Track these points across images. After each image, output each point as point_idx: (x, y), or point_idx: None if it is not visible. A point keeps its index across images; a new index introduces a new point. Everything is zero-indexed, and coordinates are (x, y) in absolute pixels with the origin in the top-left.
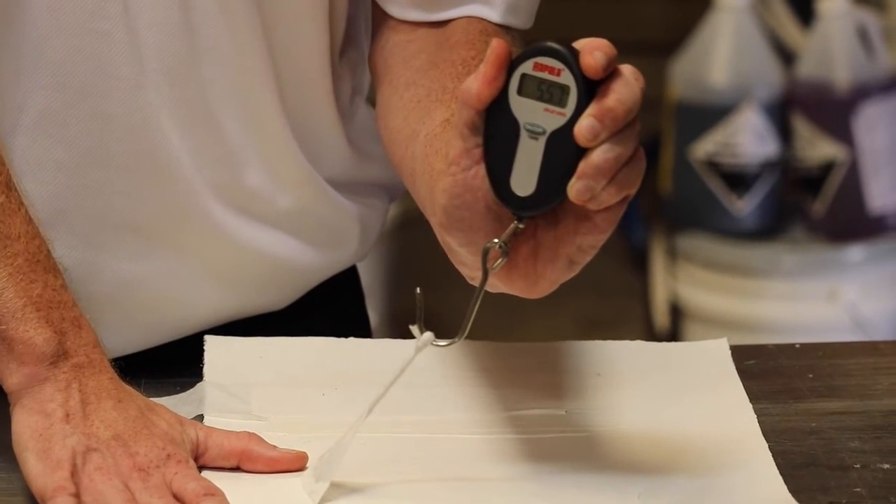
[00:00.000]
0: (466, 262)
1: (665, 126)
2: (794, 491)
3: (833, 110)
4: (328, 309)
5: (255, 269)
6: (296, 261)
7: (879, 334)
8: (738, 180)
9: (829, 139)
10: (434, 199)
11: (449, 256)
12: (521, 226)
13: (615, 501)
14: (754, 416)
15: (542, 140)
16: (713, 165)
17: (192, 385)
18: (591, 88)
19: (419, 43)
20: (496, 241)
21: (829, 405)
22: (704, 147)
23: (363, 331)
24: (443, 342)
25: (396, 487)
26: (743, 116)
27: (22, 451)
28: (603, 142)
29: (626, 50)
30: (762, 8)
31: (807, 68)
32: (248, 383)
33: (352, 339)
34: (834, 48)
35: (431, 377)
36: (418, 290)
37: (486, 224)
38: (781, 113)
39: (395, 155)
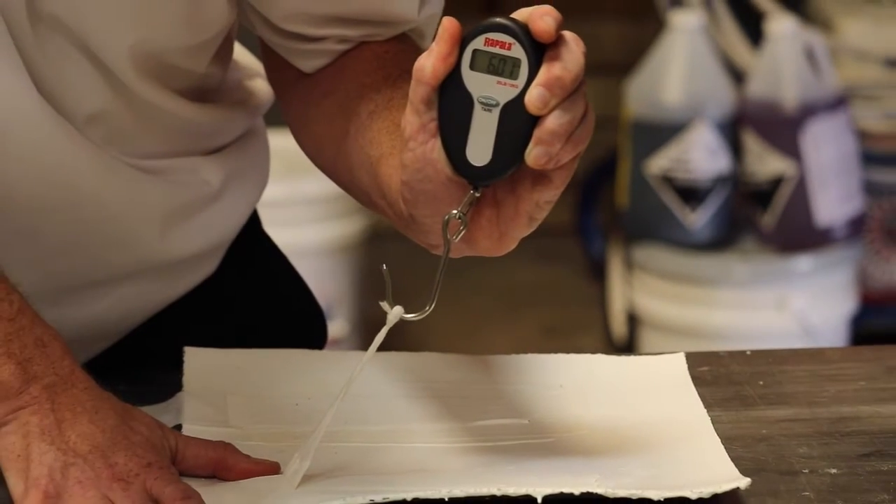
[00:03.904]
0: (432, 231)
1: (622, 143)
2: (744, 496)
3: (782, 127)
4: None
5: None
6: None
7: (826, 341)
8: (691, 194)
9: (778, 155)
10: (388, 180)
11: (410, 235)
12: (477, 195)
13: (572, 485)
14: (710, 422)
15: (496, 111)
16: (668, 180)
17: (171, 393)
18: (540, 59)
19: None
20: (454, 211)
21: (778, 412)
22: (659, 163)
23: (292, 275)
24: (413, 315)
25: (366, 476)
26: (696, 133)
27: (5, 473)
28: (554, 108)
29: (585, 71)
30: (714, 29)
31: (757, 87)
32: (225, 393)
33: (326, 352)
34: (782, 68)
35: (398, 388)
36: (384, 266)
37: (449, 194)
38: (733, 130)
39: (325, 159)
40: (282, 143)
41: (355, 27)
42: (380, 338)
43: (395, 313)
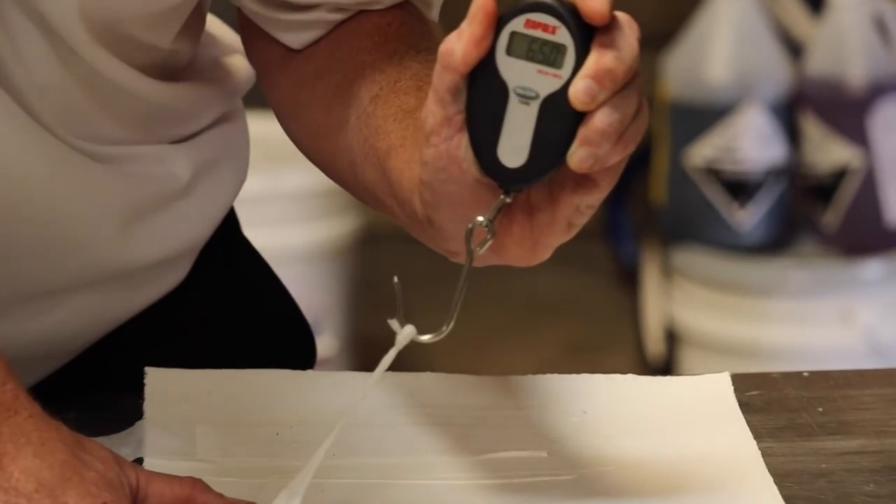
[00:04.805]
0: (454, 237)
1: (658, 128)
2: None
3: (847, 110)
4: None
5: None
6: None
7: None
8: (740, 189)
9: (843, 142)
10: (400, 176)
11: (426, 240)
12: (508, 200)
13: None
14: (759, 456)
15: (535, 105)
16: (712, 172)
17: (130, 420)
18: (588, 45)
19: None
20: (480, 218)
21: (841, 444)
22: (702, 152)
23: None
24: (427, 337)
25: None
26: (745, 117)
27: None
28: (602, 104)
29: None
30: None
31: (817, 63)
32: (194, 421)
33: (310, 372)
34: (848, 40)
35: (397, 415)
36: (396, 279)
37: (476, 197)
38: (789, 113)
39: (321, 152)
40: (260, 128)
41: None
42: (387, 361)
43: (405, 334)
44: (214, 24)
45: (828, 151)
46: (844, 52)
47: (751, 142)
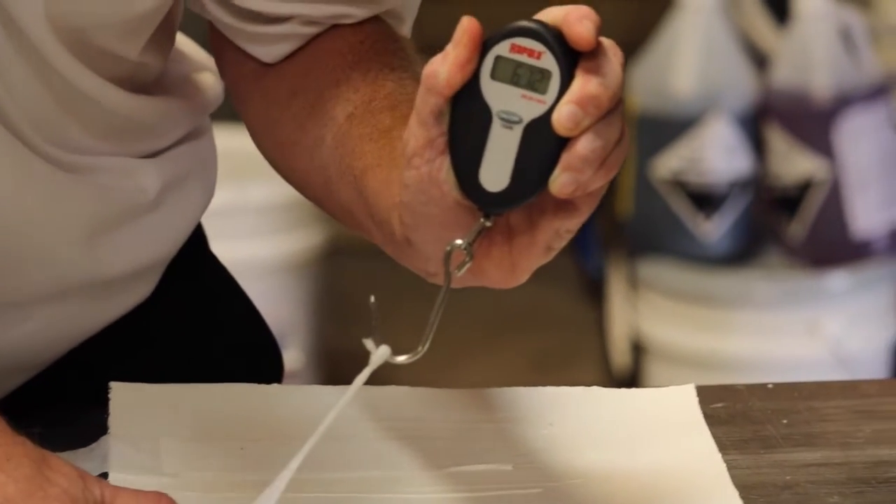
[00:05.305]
0: (432, 259)
1: None
2: None
3: (812, 121)
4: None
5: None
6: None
7: (865, 372)
8: (705, 200)
9: (808, 153)
10: (377, 197)
11: (403, 261)
12: (488, 224)
13: None
14: (724, 469)
15: (518, 129)
16: (678, 184)
17: (95, 436)
18: (572, 71)
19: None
20: (459, 241)
21: (805, 455)
22: (668, 163)
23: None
24: (402, 358)
25: None
26: (711, 129)
27: None
28: (586, 130)
29: None
30: (732, 7)
31: (783, 74)
32: (159, 436)
33: (276, 386)
34: (813, 52)
35: (365, 429)
36: (372, 298)
37: (456, 220)
38: (754, 125)
39: (295, 169)
40: (226, 141)
41: (323, 4)
42: (359, 382)
43: (380, 354)
44: (184, 42)
45: (793, 163)
46: (810, 63)
47: (716, 153)
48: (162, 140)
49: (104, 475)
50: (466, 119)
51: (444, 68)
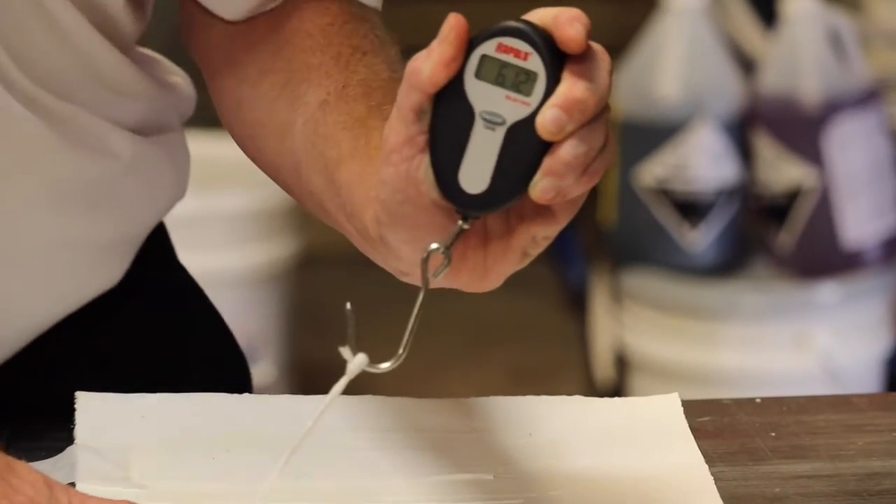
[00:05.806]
0: (405, 258)
1: None
2: None
3: (801, 128)
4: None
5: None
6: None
7: (856, 386)
8: (691, 209)
9: (797, 161)
10: (350, 190)
11: (375, 257)
12: (466, 226)
13: None
14: (711, 481)
15: (501, 131)
16: (663, 192)
17: (61, 448)
18: (559, 73)
19: (258, 29)
20: (436, 245)
21: (794, 468)
22: (652, 171)
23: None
24: (381, 366)
25: None
26: (697, 136)
27: None
28: (570, 135)
29: None
30: (718, 10)
31: (770, 80)
32: (127, 446)
33: (245, 396)
34: (802, 56)
35: (343, 438)
36: (348, 305)
37: (432, 220)
38: (741, 131)
39: (265, 151)
40: (196, 149)
41: None
42: (337, 391)
43: (357, 363)
44: (156, 55)
45: (781, 170)
46: (798, 68)
47: (702, 161)
48: (134, 113)
49: (71, 485)
50: (448, 118)
51: (427, 65)
